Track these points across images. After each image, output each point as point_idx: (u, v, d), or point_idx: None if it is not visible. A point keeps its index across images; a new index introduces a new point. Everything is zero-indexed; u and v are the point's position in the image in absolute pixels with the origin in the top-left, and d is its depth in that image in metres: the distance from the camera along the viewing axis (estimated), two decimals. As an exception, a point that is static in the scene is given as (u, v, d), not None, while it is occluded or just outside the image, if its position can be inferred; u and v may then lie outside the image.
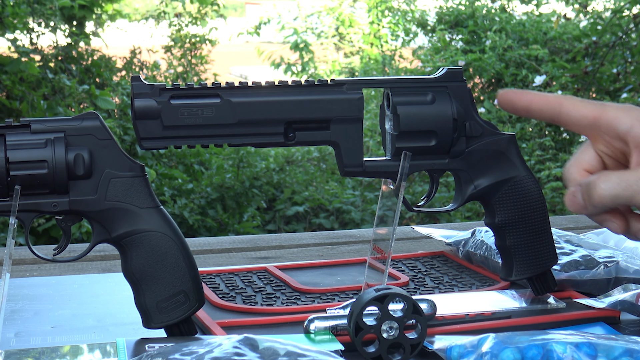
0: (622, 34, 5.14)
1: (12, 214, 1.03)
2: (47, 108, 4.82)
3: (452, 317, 1.15)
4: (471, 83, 6.56)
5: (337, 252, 1.57)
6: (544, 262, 1.18)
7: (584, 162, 0.94)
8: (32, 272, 1.44)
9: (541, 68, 6.15)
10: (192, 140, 1.09)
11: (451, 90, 1.13)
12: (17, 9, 4.91)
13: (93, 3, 5.58)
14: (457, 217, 4.86)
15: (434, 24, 7.40)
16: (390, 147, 1.14)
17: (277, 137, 1.10)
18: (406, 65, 7.35)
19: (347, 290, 1.27)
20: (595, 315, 1.17)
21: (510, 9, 7.47)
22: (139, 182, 1.06)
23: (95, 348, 1.05)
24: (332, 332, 1.07)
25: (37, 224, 4.29)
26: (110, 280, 1.38)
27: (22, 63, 4.80)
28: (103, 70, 5.68)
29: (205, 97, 1.08)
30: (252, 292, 1.27)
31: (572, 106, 0.94)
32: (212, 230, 4.92)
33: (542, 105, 0.95)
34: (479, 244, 1.39)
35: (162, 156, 5.36)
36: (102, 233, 1.06)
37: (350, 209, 5.13)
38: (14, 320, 1.21)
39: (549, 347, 0.97)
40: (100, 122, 1.06)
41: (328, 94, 1.11)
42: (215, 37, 6.63)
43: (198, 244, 1.61)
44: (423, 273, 1.36)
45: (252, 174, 5.21)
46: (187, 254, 1.07)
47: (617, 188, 0.89)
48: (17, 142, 1.03)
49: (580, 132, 0.95)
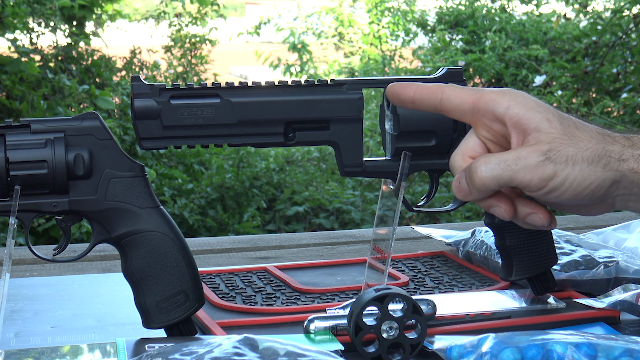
0: (622, 34, 5.14)
1: (12, 214, 1.03)
2: (47, 108, 4.82)
3: (452, 317, 1.15)
4: (471, 83, 6.56)
5: (337, 252, 1.58)
6: (544, 262, 1.18)
7: (468, 149, 0.94)
8: (32, 272, 1.44)
9: (541, 68, 6.15)
10: (192, 140, 1.08)
11: (451, 90, 1.13)
12: (17, 9, 4.91)
13: (93, 3, 5.58)
14: (457, 217, 4.85)
15: (434, 24, 7.41)
16: (390, 147, 1.14)
17: (277, 137, 1.10)
18: (406, 65, 7.35)
19: (347, 290, 1.27)
20: (595, 315, 1.17)
21: (510, 9, 7.47)
22: (139, 182, 1.06)
23: (95, 348, 1.05)
24: (332, 332, 1.07)
25: (37, 224, 4.29)
26: (110, 280, 1.38)
27: (22, 63, 4.80)
28: (103, 70, 5.68)
29: (205, 97, 1.08)
30: (252, 292, 1.27)
31: (453, 93, 0.93)
32: (212, 230, 4.92)
33: (424, 94, 0.95)
34: (479, 244, 1.39)
35: (162, 156, 5.36)
36: (102, 233, 1.06)
37: (350, 209, 5.13)
38: (14, 320, 1.21)
39: (549, 347, 0.97)
40: (100, 122, 1.06)
41: (328, 94, 1.11)
42: (215, 37, 6.62)
43: (198, 244, 1.61)
44: (423, 273, 1.36)
45: (252, 174, 5.21)
46: (187, 254, 1.07)
47: (496, 169, 0.88)
48: (17, 142, 1.03)
49: (462, 118, 0.94)
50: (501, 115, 0.91)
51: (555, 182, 0.87)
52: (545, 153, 0.87)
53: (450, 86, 0.95)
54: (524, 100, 0.91)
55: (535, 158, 0.87)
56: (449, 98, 0.94)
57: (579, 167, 0.87)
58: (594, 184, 0.88)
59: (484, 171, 0.89)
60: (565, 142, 0.88)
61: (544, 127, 0.89)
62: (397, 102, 0.98)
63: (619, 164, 0.88)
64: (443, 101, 0.94)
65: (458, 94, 0.93)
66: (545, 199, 0.90)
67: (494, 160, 0.89)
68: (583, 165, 0.87)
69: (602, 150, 0.88)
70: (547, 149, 0.87)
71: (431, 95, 0.95)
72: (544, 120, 0.89)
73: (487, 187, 0.89)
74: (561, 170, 0.87)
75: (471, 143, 0.94)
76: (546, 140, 0.88)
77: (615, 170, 0.88)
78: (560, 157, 0.87)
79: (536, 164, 0.87)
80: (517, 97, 0.91)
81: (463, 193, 0.91)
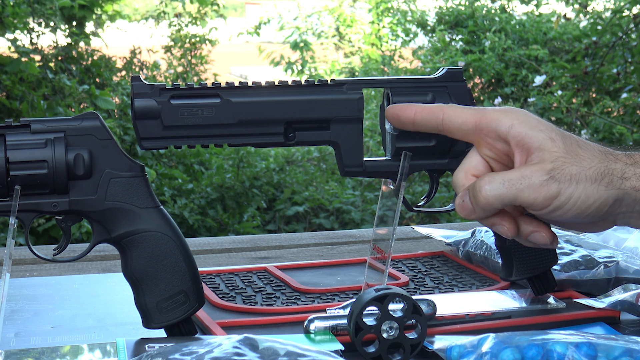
0: (622, 34, 5.14)
1: (12, 214, 1.02)
2: (47, 108, 4.82)
3: (452, 317, 1.15)
4: (471, 83, 6.56)
5: (337, 252, 1.57)
6: (544, 262, 1.18)
7: (470, 167, 0.94)
8: (32, 272, 1.44)
9: (541, 68, 6.15)
10: (192, 140, 1.08)
11: (451, 90, 1.13)
12: (17, 9, 4.91)
13: (93, 3, 5.58)
14: (457, 217, 4.85)
15: (433, 24, 7.40)
16: (390, 147, 1.14)
17: (277, 137, 1.10)
18: (406, 65, 7.35)
19: (347, 290, 1.27)
20: (595, 315, 1.17)
21: (510, 9, 7.47)
22: (139, 182, 1.06)
23: (95, 348, 1.05)
24: (332, 332, 1.07)
25: (37, 224, 4.29)
26: (110, 280, 1.38)
27: (22, 63, 4.80)
28: (103, 70, 5.68)
29: (205, 97, 1.08)
30: (252, 292, 1.27)
31: (454, 113, 0.94)
32: (212, 230, 4.92)
33: (425, 115, 0.96)
34: (479, 244, 1.39)
35: (162, 156, 5.36)
36: (102, 233, 1.06)
37: (350, 209, 5.13)
38: (14, 320, 1.21)
39: (549, 347, 0.97)
40: (100, 122, 1.06)
41: (328, 94, 1.11)
42: (215, 37, 6.63)
43: (198, 244, 1.61)
44: (423, 273, 1.36)
45: (252, 174, 5.21)
46: (187, 254, 1.07)
47: (501, 188, 0.88)
48: (17, 142, 1.03)
49: (464, 138, 0.95)
50: (504, 134, 0.91)
51: (560, 201, 0.87)
52: (549, 172, 0.87)
53: (451, 106, 0.95)
54: (527, 119, 0.91)
55: (540, 177, 0.87)
56: (450, 118, 0.94)
57: (582, 186, 0.87)
58: (597, 202, 0.88)
59: (489, 190, 0.89)
60: (569, 160, 0.88)
61: (547, 145, 0.89)
62: (397, 124, 0.99)
63: (622, 182, 0.88)
64: (445, 122, 0.94)
65: (460, 114, 0.94)
66: (549, 217, 0.90)
67: (498, 179, 0.89)
68: (587, 184, 0.88)
69: (605, 169, 0.88)
70: (551, 167, 0.88)
71: (432, 115, 0.95)
72: (547, 139, 0.89)
73: (492, 206, 0.90)
74: (565, 189, 0.87)
75: (474, 161, 0.94)
76: (550, 159, 0.88)
77: (618, 188, 0.88)
78: (564, 176, 0.87)
79: (540, 183, 0.87)
80: (519, 115, 0.91)
81: (467, 211, 0.92)
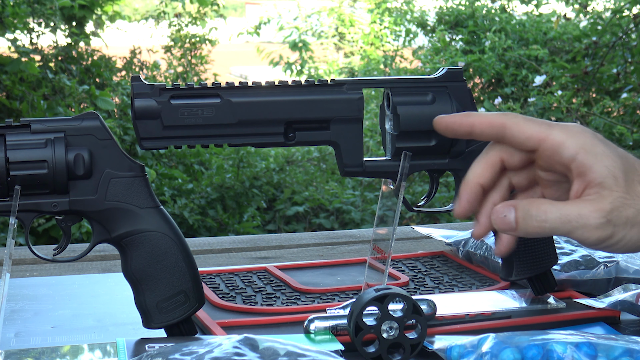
0: (622, 34, 5.14)
1: (12, 214, 1.03)
2: (47, 108, 4.82)
3: (452, 317, 1.15)
4: (471, 83, 6.56)
5: (337, 252, 1.57)
6: (544, 262, 1.18)
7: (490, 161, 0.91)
8: (32, 272, 1.44)
9: (541, 68, 6.14)
10: (192, 140, 1.09)
11: (451, 90, 1.13)
12: (17, 9, 4.91)
13: (93, 3, 5.58)
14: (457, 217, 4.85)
15: (433, 24, 7.40)
16: (390, 147, 1.14)
17: (277, 137, 1.10)
18: (406, 65, 7.35)
19: (347, 290, 1.27)
20: (595, 315, 1.17)
21: (510, 9, 7.47)
22: (139, 182, 1.06)
23: (95, 348, 1.05)
24: (332, 332, 1.07)
25: (37, 224, 4.29)
26: (110, 280, 1.38)
27: (22, 63, 4.80)
28: (103, 70, 5.68)
29: (205, 97, 1.08)
30: (252, 292, 1.27)
31: (517, 128, 0.90)
32: (212, 230, 4.92)
33: (485, 128, 0.91)
34: (479, 244, 1.39)
35: (162, 156, 5.36)
36: (102, 233, 1.06)
37: (350, 209, 5.13)
38: (14, 320, 1.21)
39: (549, 347, 0.97)
40: (100, 122, 1.06)
41: (328, 94, 1.11)
42: (215, 37, 6.62)
43: (198, 244, 1.61)
44: (423, 273, 1.36)
45: (252, 174, 5.21)
46: (187, 254, 1.07)
47: (556, 222, 0.86)
48: (17, 142, 1.03)
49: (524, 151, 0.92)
50: (567, 161, 0.88)
51: (610, 242, 0.86)
52: (606, 215, 0.86)
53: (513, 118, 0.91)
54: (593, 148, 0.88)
55: (597, 219, 0.86)
56: (512, 133, 0.90)
57: (636, 229, 0.86)
58: None
59: (545, 221, 0.87)
60: (627, 202, 0.86)
61: (608, 184, 0.87)
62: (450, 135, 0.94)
63: None
64: (506, 137, 0.90)
65: (523, 130, 0.90)
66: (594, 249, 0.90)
67: (556, 213, 0.87)
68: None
69: None
70: (610, 209, 0.86)
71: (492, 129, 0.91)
72: (610, 177, 0.87)
73: (540, 235, 0.88)
74: (618, 232, 0.86)
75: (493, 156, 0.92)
76: (609, 199, 0.86)
77: None
78: (620, 219, 0.86)
79: (596, 225, 0.86)
80: (586, 142, 0.88)
81: (506, 227, 0.88)
